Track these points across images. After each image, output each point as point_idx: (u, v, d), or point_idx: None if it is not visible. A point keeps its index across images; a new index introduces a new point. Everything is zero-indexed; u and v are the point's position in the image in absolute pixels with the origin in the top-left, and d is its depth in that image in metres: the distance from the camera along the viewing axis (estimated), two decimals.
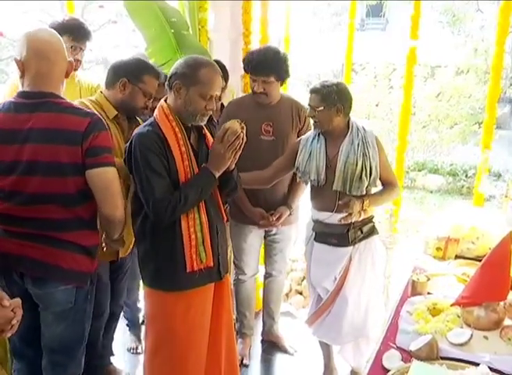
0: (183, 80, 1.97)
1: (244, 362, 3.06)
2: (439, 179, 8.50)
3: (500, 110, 6.22)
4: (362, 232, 2.49)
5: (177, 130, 2.00)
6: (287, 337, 3.31)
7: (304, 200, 2.98)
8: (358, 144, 2.40)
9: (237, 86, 3.41)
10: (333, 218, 2.45)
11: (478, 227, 2.66)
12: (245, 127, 2.00)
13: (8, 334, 1.57)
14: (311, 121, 2.49)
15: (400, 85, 5.96)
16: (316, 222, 2.54)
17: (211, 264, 2.06)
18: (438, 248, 2.57)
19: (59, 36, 1.93)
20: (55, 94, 1.89)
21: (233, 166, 2.11)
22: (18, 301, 1.59)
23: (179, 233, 2.00)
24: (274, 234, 3.00)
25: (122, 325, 3.29)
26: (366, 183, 2.42)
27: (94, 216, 1.97)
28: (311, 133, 2.56)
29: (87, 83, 2.87)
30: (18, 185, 1.83)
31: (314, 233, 2.56)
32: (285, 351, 3.22)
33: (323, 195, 2.49)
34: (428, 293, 2.15)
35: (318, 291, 2.62)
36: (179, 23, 3.14)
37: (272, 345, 3.27)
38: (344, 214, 2.38)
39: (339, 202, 2.39)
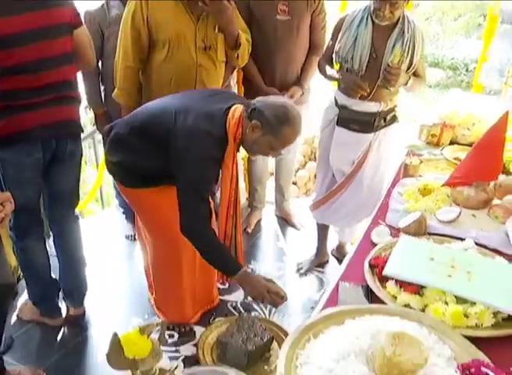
0: (264, 124, 1.86)
1: (247, 230, 3.37)
2: (438, 73, 8.28)
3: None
4: (385, 120, 2.48)
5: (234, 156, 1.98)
6: (297, 214, 3.54)
7: (316, 82, 3.05)
8: (408, 39, 2.28)
9: None
10: (362, 105, 2.41)
11: (474, 114, 2.63)
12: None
13: None
14: (381, 13, 2.21)
15: None
16: (342, 107, 2.48)
17: None
18: (433, 135, 2.55)
19: None
20: None
21: None
22: (8, 195, 1.59)
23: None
24: None
25: (118, 213, 3.37)
26: (404, 79, 2.35)
27: None
28: (356, 13, 2.36)
29: None
30: (42, 52, 1.94)
31: (336, 118, 2.52)
32: (292, 226, 3.49)
33: None
34: (420, 176, 2.17)
35: (335, 174, 2.65)
36: None
37: (282, 220, 3.56)
38: (373, 103, 2.38)
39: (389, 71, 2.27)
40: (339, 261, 3.02)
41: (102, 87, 2.80)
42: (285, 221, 3.53)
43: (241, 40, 2.45)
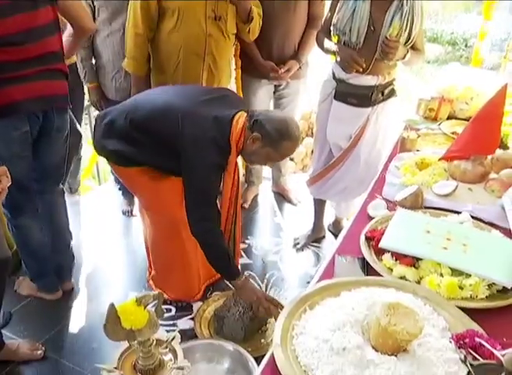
0: (265, 136, 1.91)
1: (244, 205, 3.36)
2: (437, 48, 8.18)
3: None
4: (383, 94, 2.45)
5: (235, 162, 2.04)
6: (294, 189, 3.56)
7: (314, 56, 3.02)
8: (407, 12, 2.23)
9: None
10: (360, 79, 2.37)
11: (473, 88, 2.60)
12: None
13: None
14: None
15: None
16: (340, 81, 2.45)
17: None
18: (430, 109, 2.53)
19: None
20: None
21: None
22: (3, 169, 1.57)
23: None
24: (283, 89, 3.05)
25: (115, 189, 3.36)
26: (403, 52, 2.29)
27: None
28: None
29: None
30: (25, 23, 1.89)
31: (333, 92, 2.49)
32: (289, 202, 3.51)
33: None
34: (417, 150, 2.16)
35: (332, 148, 2.64)
36: None
37: (279, 196, 3.58)
38: (371, 76, 2.35)
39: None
40: (336, 236, 3.03)
41: (94, 61, 2.77)
42: (282, 197, 3.54)
43: (253, 14, 2.42)
